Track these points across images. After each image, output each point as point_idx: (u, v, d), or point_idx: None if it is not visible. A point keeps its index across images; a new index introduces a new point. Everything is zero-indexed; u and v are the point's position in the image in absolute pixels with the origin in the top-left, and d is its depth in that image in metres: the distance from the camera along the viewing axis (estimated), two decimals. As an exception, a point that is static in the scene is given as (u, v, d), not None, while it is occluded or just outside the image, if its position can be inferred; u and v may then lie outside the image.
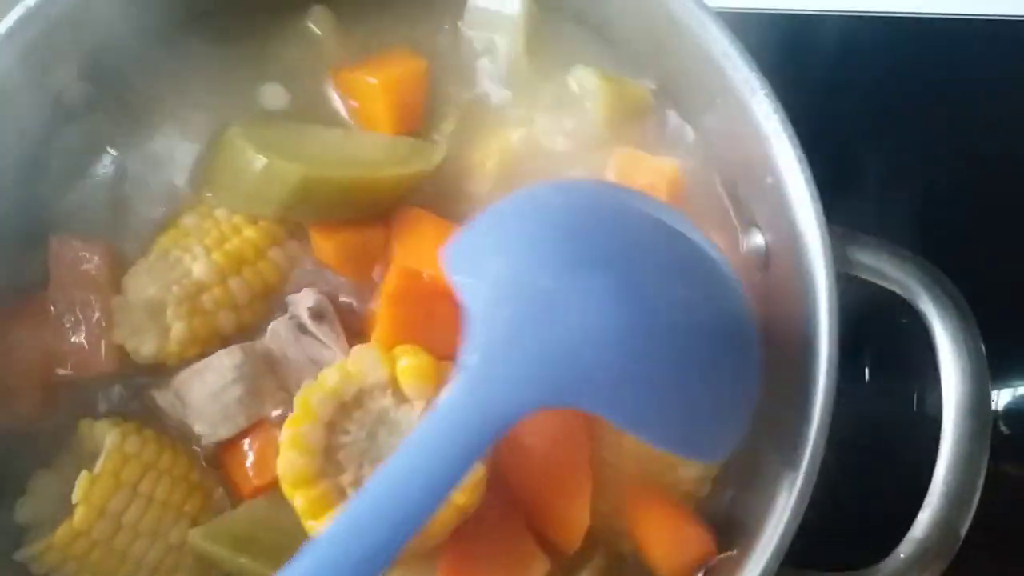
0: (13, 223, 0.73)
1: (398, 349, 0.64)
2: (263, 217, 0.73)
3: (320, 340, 0.71)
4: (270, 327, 0.72)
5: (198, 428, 0.70)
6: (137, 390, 0.73)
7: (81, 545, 0.65)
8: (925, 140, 0.88)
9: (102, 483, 0.66)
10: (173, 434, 0.72)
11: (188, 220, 0.74)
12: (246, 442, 0.71)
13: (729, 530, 0.68)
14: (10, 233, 0.73)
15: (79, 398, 0.73)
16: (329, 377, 0.63)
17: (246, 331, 0.73)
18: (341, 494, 0.61)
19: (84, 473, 0.66)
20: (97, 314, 0.71)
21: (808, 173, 0.65)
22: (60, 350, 0.71)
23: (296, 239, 0.74)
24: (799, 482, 0.60)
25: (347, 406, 0.63)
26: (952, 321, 0.64)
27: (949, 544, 0.61)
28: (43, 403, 0.72)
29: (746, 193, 0.74)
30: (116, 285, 0.72)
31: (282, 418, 0.68)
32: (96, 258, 0.72)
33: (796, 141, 0.66)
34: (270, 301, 0.74)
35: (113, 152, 0.77)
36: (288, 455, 0.61)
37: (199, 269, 0.70)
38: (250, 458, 0.70)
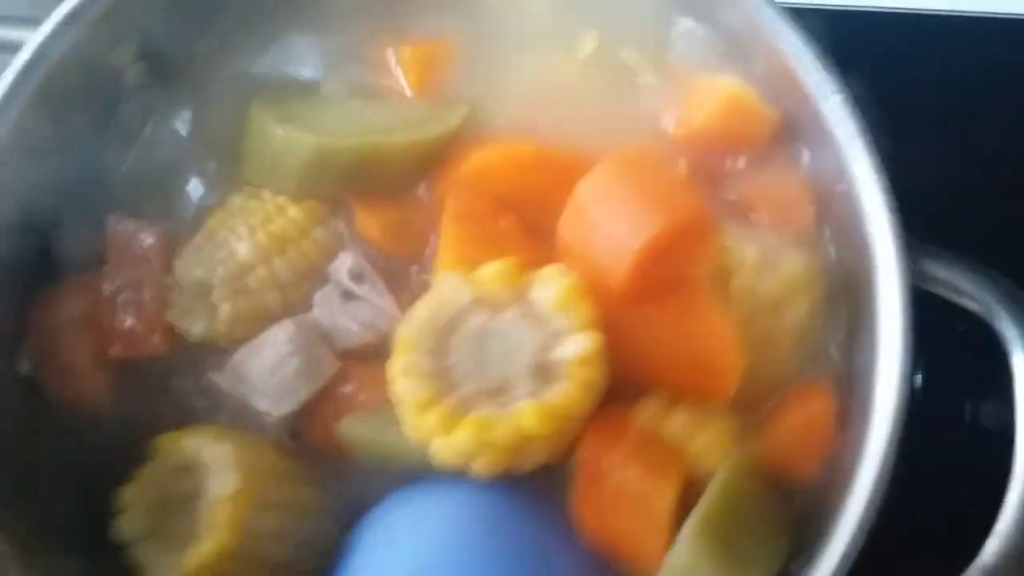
0: (72, 199, 0.73)
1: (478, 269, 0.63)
2: (286, 192, 0.73)
3: (366, 300, 0.71)
4: (315, 298, 0.72)
5: (261, 405, 0.70)
6: (198, 379, 0.73)
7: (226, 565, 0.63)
8: (1006, 147, 0.84)
9: (240, 500, 0.63)
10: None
11: (235, 201, 0.74)
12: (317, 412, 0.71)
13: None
14: (69, 209, 0.73)
15: (144, 385, 0.73)
16: (419, 312, 0.62)
17: (293, 309, 0.73)
18: (466, 407, 0.60)
19: (221, 497, 0.64)
20: (150, 295, 0.71)
21: (885, 182, 0.63)
22: (114, 329, 0.71)
23: (341, 218, 0.74)
24: (866, 499, 0.58)
25: (443, 333, 0.62)
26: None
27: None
28: (109, 389, 0.72)
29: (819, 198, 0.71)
30: (169, 266, 0.73)
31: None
32: (151, 239, 0.73)
33: (872, 150, 0.64)
34: (315, 280, 0.73)
35: (174, 129, 0.78)
36: (403, 383, 0.60)
37: (243, 250, 0.70)
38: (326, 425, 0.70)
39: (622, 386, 0.64)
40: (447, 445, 0.60)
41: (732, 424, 0.65)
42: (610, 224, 0.63)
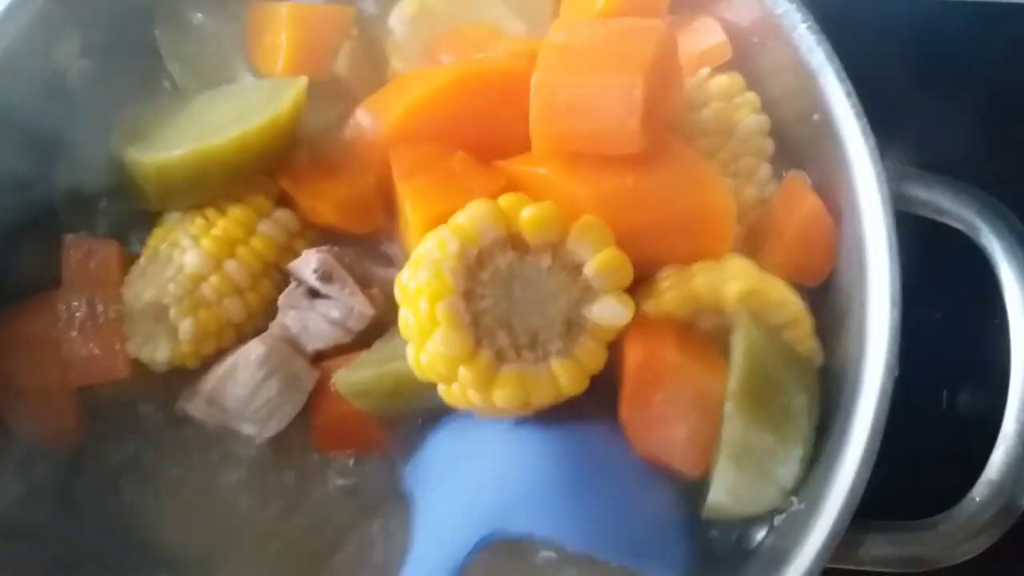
0: (25, 214, 0.70)
1: (507, 200, 0.60)
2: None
3: (334, 299, 0.68)
4: (279, 302, 0.69)
5: (246, 430, 0.68)
6: (165, 409, 0.70)
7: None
8: (982, 76, 0.84)
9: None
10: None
11: (171, 216, 0.70)
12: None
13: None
14: (23, 225, 0.70)
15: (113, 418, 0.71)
16: (448, 241, 0.58)
17: (257, 315, 0.70)
18: (502, 358, 0.59)
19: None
20: (109, 317, 0.67)
21: (858, 107, 0.62)
22: (74, 355, 0.67)
23: (286, 206, 0.71)
24: (868, 430, 0.58)
25: (473, 271, 0.58)
26: (1017, 255, 0.61)
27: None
28: (77, 419, 0.69)
29: (793, 131, 0.70)
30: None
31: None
32: (107, 258, 0.69)
33: (843, 75, 0.62)
34: (274, 278, 0.70)
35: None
36: (447, 334, 0.57)
37: (191, 261, 0.66)
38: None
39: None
40: (484, 401, 0.59)
41: (745, 261, 0.65)
42: (597, 86, 0.60)
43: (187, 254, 0.67)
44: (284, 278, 0.70)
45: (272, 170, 0.70)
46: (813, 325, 0.64)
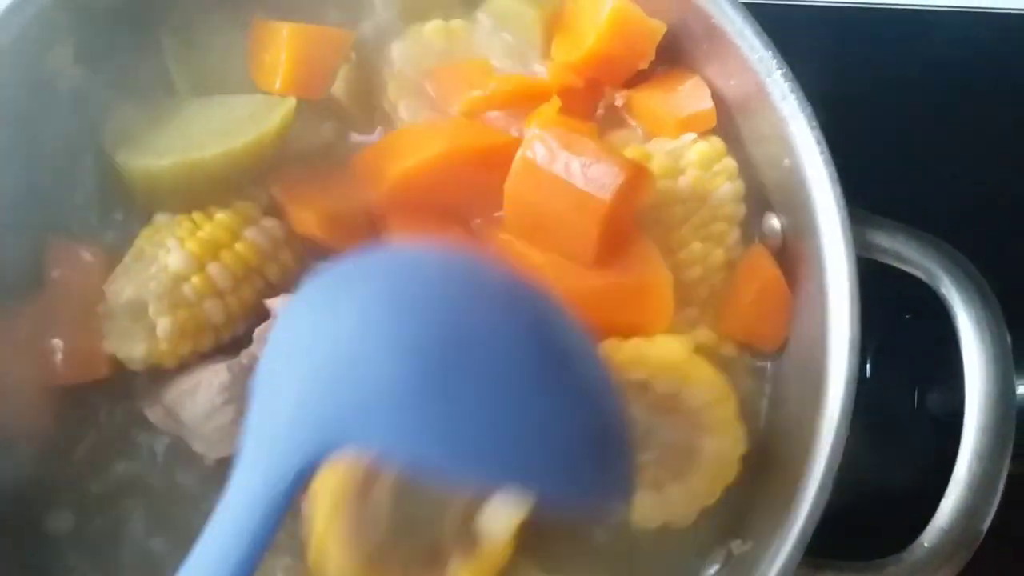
0: (12, 218, 0.70)
1: None
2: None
3: None
4: (255, 334, 0.68)
5: (196, 447, 0.68)
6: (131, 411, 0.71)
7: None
8: (950, 129, 0.87)
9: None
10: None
11: (160, 218, 0.71)
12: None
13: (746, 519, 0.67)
14: (9, 229, 0.70)
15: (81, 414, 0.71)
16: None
17: (236, 320, 0.70)
18: None
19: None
20: (92, 318, 0.68)
21: (827, 154, 0.64)
22: (56, 354, 0.68)
23: (273, 216, 0.72)
24: (820, 471, 0.59)
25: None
26: (975, 305, 0.63)
27: (973, 534, 0.60)
28: (54, 414, 0.70)
29: (764, 175, 0.72)
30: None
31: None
32: (93, 261, 0.70)
33: (814, 122, 0.64)
34: (256, 284, 0.70)
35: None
36: None
37: (174, 261, 0.67)
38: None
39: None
40: None
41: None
42: (573, 181, 0.64)
43: (171, 255, 0.68)
44: (266, 285, 0.71)
45: (262, 179, 0.72)
46: (737, 409, 0.65)
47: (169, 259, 0.67)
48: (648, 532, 0.67)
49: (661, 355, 0.65)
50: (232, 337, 0.70)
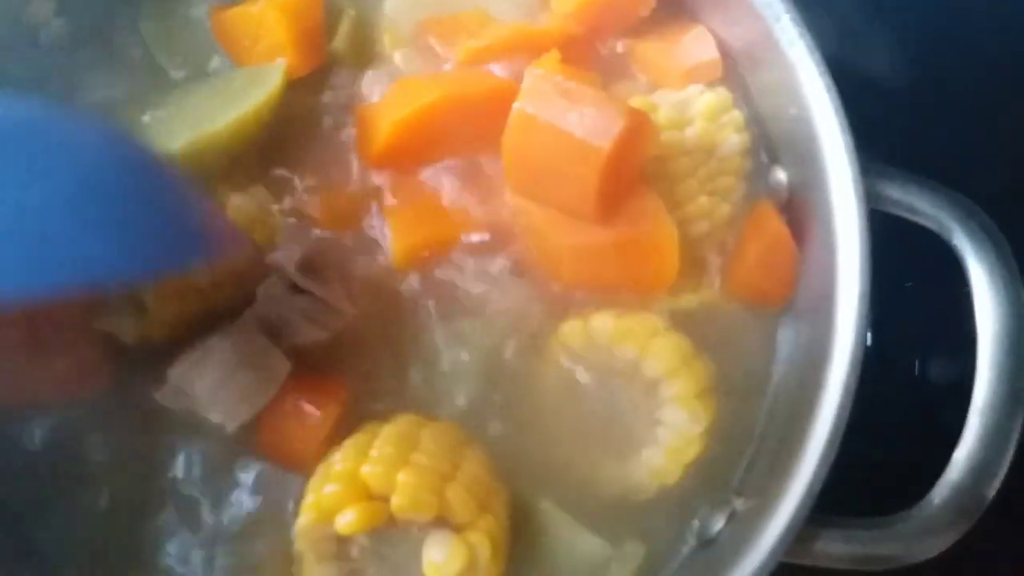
0: None
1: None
2: None
3: (315, 295, 0.66)
4: (259, 292, 0.67)
5: (214, 417, 0.66)
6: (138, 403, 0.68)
7: None
8: (964, 74, 0.83)
9: None
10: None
11: None
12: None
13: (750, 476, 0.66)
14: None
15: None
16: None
17: (224, 284, 0.68)
18: None
19: None
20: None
21: (837, 101, 0.62)
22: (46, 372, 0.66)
23: (260, 183, 0.71)
24: (829, 425, 0.58)
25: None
26: (988, 257, 0.61)
27: (985, 490, 0.59)
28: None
29: (770, 127, 0.70)
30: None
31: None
32: None
33: (824, 68, 0.62)
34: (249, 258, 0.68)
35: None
36: None
37: None
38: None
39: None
40: None
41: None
42: (570, 129, 0.61)
43: None
44: (253, 247, 0.68)
45: (263, 157, 0.71)
46: (702, 386, 0.65)
47: None
48: (647, 491, 0.66)
49: (629, 325, 0.64)
50: (224, 302, 0.68)
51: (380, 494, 0.59)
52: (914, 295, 0.78)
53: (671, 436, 0.65)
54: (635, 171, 0.66)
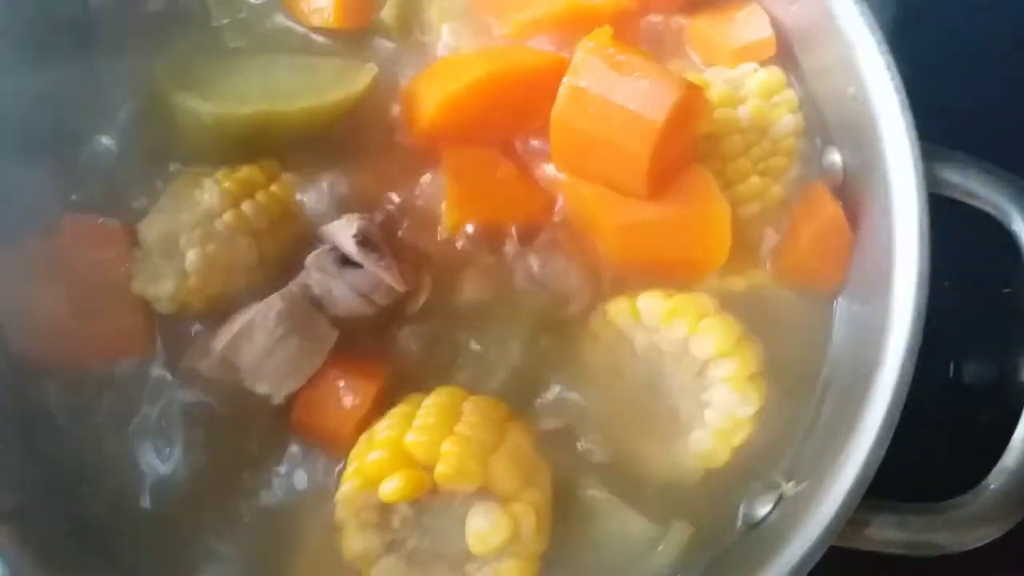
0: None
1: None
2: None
3: (367, 269, 0.65)
4: (308, 261, 0.66)
5: (260, 389, 0.65)
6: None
7: None
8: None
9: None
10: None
11: (197, 167, 0.70)
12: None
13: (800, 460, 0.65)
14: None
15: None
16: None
17: (270, 264, 0.68)
18: None
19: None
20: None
21: (897, 80, 0.61)
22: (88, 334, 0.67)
23: (311, 161, 0.70)
24: (886, 406, 0.57)
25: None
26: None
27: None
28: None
29: (825, 109, 0.69)
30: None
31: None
32: (112, 234, 0.68)
33: (884, 47, 0.61)
34: (293, 229, 0.69)
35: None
36: None
37: (209, 198, 0.66)
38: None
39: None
40: None
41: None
42: (622, 102, 0.61)
43: (206, 193, 0.66)
44: (303, 232, 0.69)
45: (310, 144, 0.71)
46: (753, 369, 0.63)
47: (204, 196, 0.66)
48: (694, 473, 0.65)
49: (679, 304, 0.63)
50: (266, 282, 0.68)
51: (424, 463, 0.58)
52: (952, 295, 0.77)
53: (720, 418, 0.64)
54: (687, 148, 0.65)
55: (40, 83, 0.69)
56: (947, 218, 0.61)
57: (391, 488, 0.57)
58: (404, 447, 0.59)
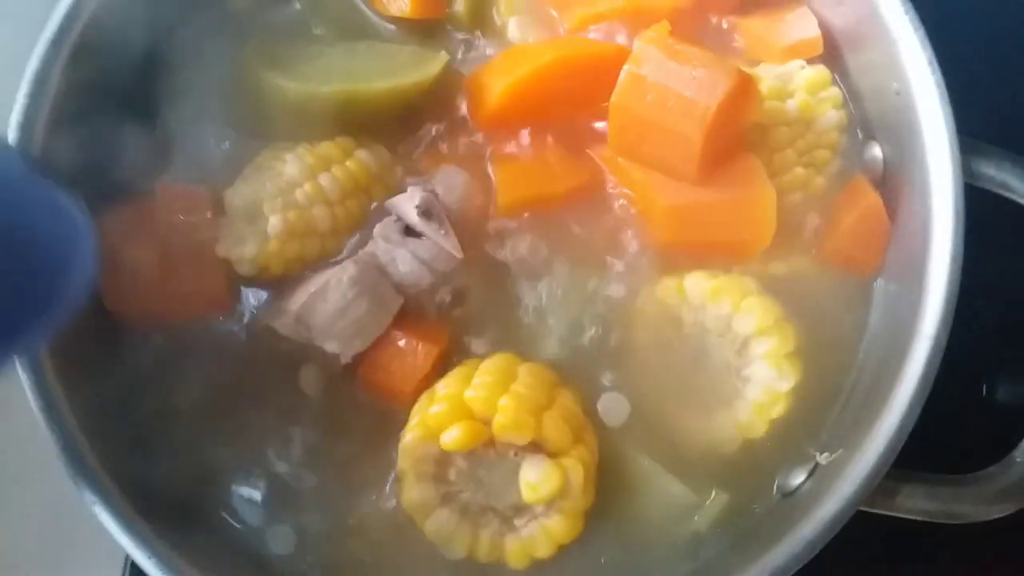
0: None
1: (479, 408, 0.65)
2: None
3: (428, 238, 0.71)
4: (376, 230, 0.72)
5: (331, 347, 0.71)
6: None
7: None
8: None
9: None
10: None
11: (279, 143, 0.75)
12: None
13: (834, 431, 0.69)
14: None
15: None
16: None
17: (341, 230, 0.73)
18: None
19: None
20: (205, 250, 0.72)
21: (938, 75, 0.64)
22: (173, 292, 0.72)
23: (381, 142, 0.76)
24: (917, 377, 0.60)
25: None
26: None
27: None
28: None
29: (869, 106, 0.73)
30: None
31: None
32: (197, 203, 0.73)
33: (927, 44, 0.65)
34: (362, 201, 0.74)
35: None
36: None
37: (290, 170, 0.72)
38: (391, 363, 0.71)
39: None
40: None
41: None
42: (679, 88, 0.65)
43: (288, 165, 0.72)
44: (371, 202, 0.75)
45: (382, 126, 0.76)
46: (791, 346, 0.67)
47: (287, 168, 0.72)
48: (732, 444, 0.69)
49: (723, 284, 0.67)
50: (336, 248, 0.74)
51: (483, 416, 0.63)
52: (983, 313, 0.79)
53: (759, 392, 0.67)
54: (738, 135, 0.69)
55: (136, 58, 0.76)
56: (980, 235, 0.64)
57: (452, 437, 0.62)
58: (464, 401, 0.64)
